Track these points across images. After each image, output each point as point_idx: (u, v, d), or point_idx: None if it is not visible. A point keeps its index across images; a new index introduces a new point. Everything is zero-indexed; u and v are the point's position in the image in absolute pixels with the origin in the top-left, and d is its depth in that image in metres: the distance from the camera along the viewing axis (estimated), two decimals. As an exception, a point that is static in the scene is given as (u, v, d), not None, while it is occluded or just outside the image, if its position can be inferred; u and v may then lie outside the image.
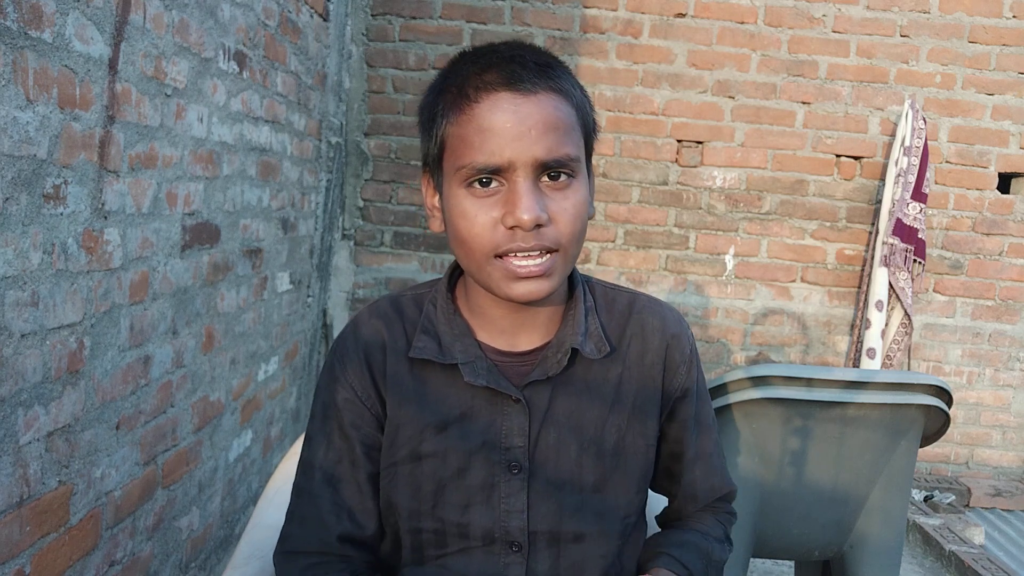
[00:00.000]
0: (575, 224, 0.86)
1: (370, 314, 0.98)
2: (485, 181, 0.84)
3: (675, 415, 1.01)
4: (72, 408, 1.40)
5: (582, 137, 0.88)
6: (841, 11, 3.39)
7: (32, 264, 1.25)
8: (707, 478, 1.04)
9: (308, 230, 3.01)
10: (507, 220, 0.83)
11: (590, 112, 0.91)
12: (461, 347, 0.93)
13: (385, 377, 0.94)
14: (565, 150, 0.84)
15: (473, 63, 0.86)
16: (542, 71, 0.85)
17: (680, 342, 1.00)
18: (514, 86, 0.83)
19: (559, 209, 0.84)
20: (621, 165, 3.48)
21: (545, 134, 0.82)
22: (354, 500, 0.94)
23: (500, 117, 0.82)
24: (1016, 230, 3.50)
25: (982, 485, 3.50)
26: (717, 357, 3.58)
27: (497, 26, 3.39)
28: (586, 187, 0.88)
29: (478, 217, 0.84)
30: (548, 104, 0.83)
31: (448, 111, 0.86)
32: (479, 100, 0.83)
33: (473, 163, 0.83)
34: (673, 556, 0.97)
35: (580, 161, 0.87)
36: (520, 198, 0.82)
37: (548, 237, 0.84)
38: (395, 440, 0.93)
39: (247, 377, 2.38)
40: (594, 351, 0.94)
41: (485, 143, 0.82)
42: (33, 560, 1.31)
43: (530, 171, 0.83)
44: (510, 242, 0.83)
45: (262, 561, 1.16)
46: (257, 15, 2.20)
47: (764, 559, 2.78)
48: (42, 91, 1.24)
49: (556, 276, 0.87)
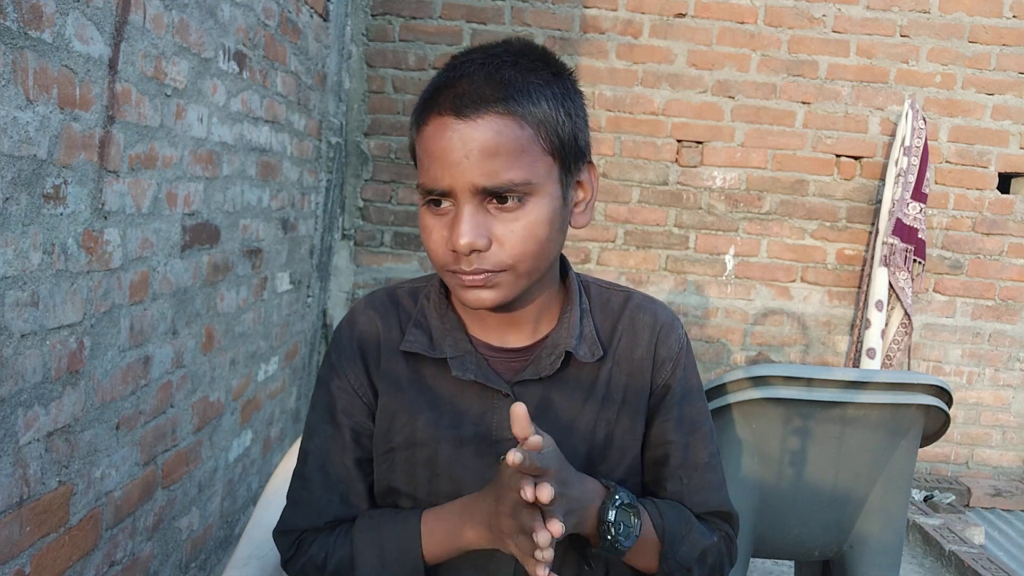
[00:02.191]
0: (524, 245, 0.84)
1: (366, 305, 1.00)
2: (436, 201, 0.86)
3: (657, 413, 0.99)
4: (72, 408, 1.40)
5: (548, 154, 0.85)
6: (841, 11, 3.39)
7: (32, 264, 1.25)
8: (697, 491, 0.98)
9: (308, 230, 3.01)
10: (449, 243, 0.84)
11: (567, 125, 0.86)
12: (452, 341, 0.95)
13: (379, 367, 0.96)
14: (508, 175, 0.82)
15: (441, 75, 0.87)
16: (496, 91, 0.82)
17: (668, 338, 0.99)
18: (458, 111, 0.82)
19: (506, 231, 0.84)
20: (621, 165, 3.48)
21: (484, 159, 0.81)
22: (345, 484, 0.97)
23: (441, 144, 0.83)
24: (1016, 230, 3.50)
25: (982, 485, 3.50)
26: (717, 357, 3.58)
27: (497, 26, 3.39)
28: (547, 205, 0.85)
29: (433, 233, 0.87)
30: (489, 129, 0.81)
31: (413, 124, 0.89)
32: (427, 122, 0.85)
33: (424, 184, 0.86)
34: (654, 503, 0.95)
35: (535, 183, 0.84)
36: (458, 224, 0.83)
37: (490, 260, 0.84)
38: (391, 427, 0.95)
39: (247, 377, 2.38)
40: (587, 355, 0.95)
41: (431, 167, 0.84)
42: (33, 560, 1.31)
43: (470, 196, 0.83)
44: (455, 263, 0.85)
45: (262, 561, 1.16)
46: (257, 15, 2.20)
47: (764, 559, 2.78)
48: (42, 91, 1.24)
49: (504, 289, 0.87)
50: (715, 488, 1.00)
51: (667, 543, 0.92)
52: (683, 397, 0.99)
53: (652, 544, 0.92)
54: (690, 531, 0.95)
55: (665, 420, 0.99)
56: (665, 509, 0.95)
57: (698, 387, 1.02)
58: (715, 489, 1.00)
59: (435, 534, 0.91)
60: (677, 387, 0.99)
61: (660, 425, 0.99)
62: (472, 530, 0.87)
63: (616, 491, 0.88)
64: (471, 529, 0.87)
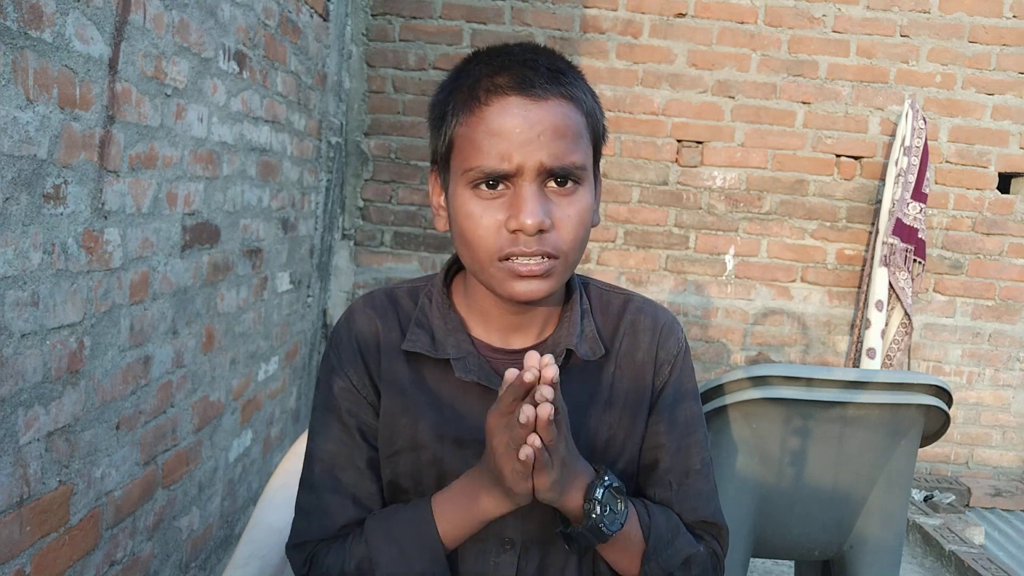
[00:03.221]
0: (578, 231, 0.86)
1: (364, 304, 0.99)
2: (492, 184, 0.84)
3: (650, 416, 0.98)
4: (72, 408, 1.40)
5: (591, 144, 0.89)
6: (841, 11, 3.39)
7: (32, 264, 1.25)
8: (687, 497, 0.96)
9: (308, 230, 3.01)
10: (511, 224, 0.83)
11: (600, 119, 0.91)
12: (454, 342, 0.94)
13: (379, 367, 0.95)
14: (572, 158, 0.84)
15: (486, 64, 0.87)
16: (554, 77, 0.85)
17: (668, 340, 0.99)
18: (525, 91, 0.83)
19: (563, 216, 0.85)
20: (621, 165, 3.48)
21: (553, 140, 0.83)
22: (356, 485, 0.94)
23: (509, 121, 0.82)
24: (1016, 230, 3.50)
25: (982, 485, 3.50)
26: (717, 357, 3.58)
27: (497, 26, 3.39)
28: (592, 194, 0.88)
29: (483, 219, 0.85)
30: (558, 111, 0.84)
31: (458, 111, 0.86)
32: (489, 103, 0.84)
33: (481, 167, 0.83)
34: (643, 503, 0.94)
35: (587, 169, 0.87)
36: (525, 203, 0.82)
37: (550, 243, 0.84)
38: (394, 429, 0.94)
39: (247, 377, 2.38)
40: (589, 353, 0.94)
41: (494, 147, 0.83)
42: (33, 560, 1.31)
43: (536, 176, 0.83)
44: (513, 246, 0.84)
45: (262, 561, 1.16)
46: (257, 15, 2.20)
47: (764, 559, 2.78)
48: (42, 91, 1.24)
49: (555, 279, 0.87)
50: (706, 497, 0.98)
51: (651, 544, 0.90)
52: (677, 400, 0.98)
53: (636, 543, 0.90)
54: (676, 536, 0.93)
55: (657, 423, 0.97)
56: (654, 510, 0.94)
57: (693, 391, 1.01)
58: (706, 498, 0.98)
59: (449, 512, 0.88)
60: (672, 390, 0.98)
61: (652, 427, 0.97)
62: (486, 494, 0.85)
63: (607, 473, 0.88)
64: (484, 494, 0.85)
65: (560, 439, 0.79)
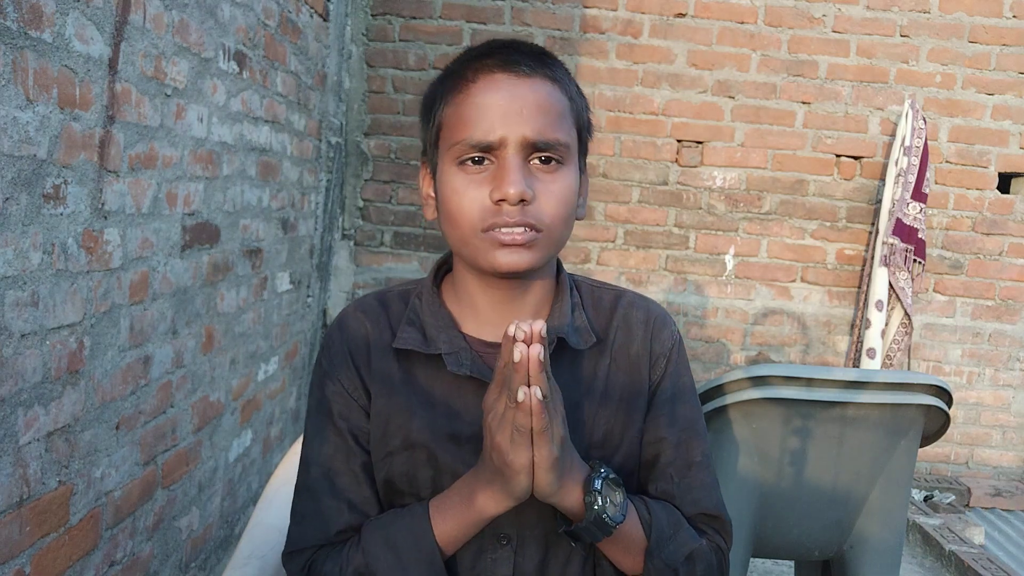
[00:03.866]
0: (560, 207, 0.88)
1: (355, 308, 1.00)
2: (477, 159, 0.87)
3: (649, 410, 0.98)
4: (72, 408, 1.40)
5: (574, 128, 0.92)
6: (841, 11, 3.39)
7: (32, 264, 1.25)
8: (689, 490, 0.96)
9: (308, 230, 3.01)
10: (494, 194, 0.85)
11: (584, 110, 0.94)
12: (446, 338, 0.94)
13: (370, 369, 0.95)
14: (555, 134, 0.87)
15: (473, 51, 0.92)
16: (539, 59, 0.90)
17: (661, 333, 0.99)
18: (510, 68, 0.87)
19: (545, 190, 0.87)
20: (621, 165, 3.48)
21: (537, 115, 0.86)
22: (352, 490, 0.94)
23: (495, 95, 0.86)
24: (1016, 230, 3.50)
25: (982, 485, 3.50)
26: (717, 357, 3.58)
27: (497, 26, 3.40)
28: (575, 177, 0.91)
29: (468, 192, 0.87)
30: (542, 89, 0.88)
31: (447, 94, 0.90)
32: (476, 80, 0.88)
33: (467, 139, 0.86)
34: (642, 499, 0.94)
35: (570, 150, 0.90)
36: (508, 173, 0.85)
37: (532, 214, 0.86)
38: (387, 430, 0.94)
39: (247, 377, 2.38)
40: (580, 342, 0.95)
41: (480, 119, 0.86)
42: (33, 560, 1.31)
43: (520, 149, 0.86)
44: (496, 216, 0.86)
45: (262, 561, 1.16)
46: (257, 15, 2.20)
47: (764, 559, 2.78)
48: (42, 91, 1.24)
49: (537, 252, 0.88)
50: (708, 489, 0.98)
51: (653, 540, 0.90)
52: (676, 394, 0.99)
53: (638, 540, 0.90)
54: (678, 531, 0.93)
55: (657, 417, 0.98)
56: (653, 506, 0.93)
57: (691, 385, 1.01)
58: (708, 490, 0.98)
59: (446, 515, 0.89)
60: (670, 384, 0.98)
61: (652, 422, 0.98)
62: (483, 492, 0.85)
63: (602, 466, 0.88)
64: (481, 492, 0.85)
65: (557, 415, 0.80)
